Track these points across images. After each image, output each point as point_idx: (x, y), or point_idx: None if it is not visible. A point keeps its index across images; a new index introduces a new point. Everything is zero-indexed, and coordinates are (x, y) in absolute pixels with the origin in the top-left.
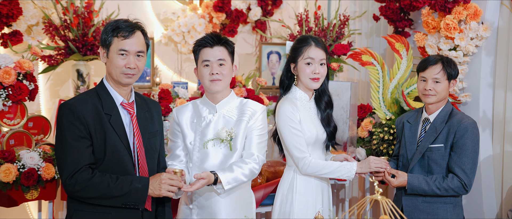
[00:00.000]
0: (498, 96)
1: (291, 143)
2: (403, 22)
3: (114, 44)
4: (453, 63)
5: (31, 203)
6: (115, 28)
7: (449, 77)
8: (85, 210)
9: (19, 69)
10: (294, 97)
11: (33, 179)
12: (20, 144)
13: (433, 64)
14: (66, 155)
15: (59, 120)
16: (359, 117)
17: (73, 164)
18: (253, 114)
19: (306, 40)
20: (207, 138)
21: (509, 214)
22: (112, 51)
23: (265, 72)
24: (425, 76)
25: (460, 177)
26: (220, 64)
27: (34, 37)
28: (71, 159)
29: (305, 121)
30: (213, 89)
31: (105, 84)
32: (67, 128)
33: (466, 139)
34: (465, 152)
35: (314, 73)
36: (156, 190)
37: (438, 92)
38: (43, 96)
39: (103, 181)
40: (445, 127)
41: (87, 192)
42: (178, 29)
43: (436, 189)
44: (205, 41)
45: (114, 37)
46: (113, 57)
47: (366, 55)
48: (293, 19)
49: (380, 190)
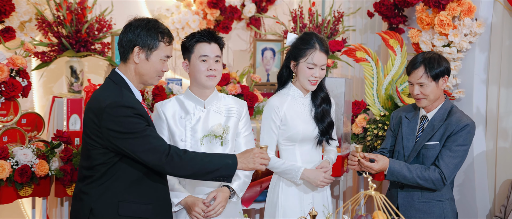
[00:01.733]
0: (492, 92)
1: (262, 138)
2: (397, 19)
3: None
4: (437, 61)
5: (25, 200)
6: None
7: (434, 77)
8: (132, 201)
9: (12, 66)
10: (286, 94)
11: (26, 176)
12: (13, 140)
13: (415, 68)
14: (150, 140)
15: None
16: (354, 113)
17: (163, 144)
18: (240, 112)
19: (311, 42)
20: (199, 134)
21: (502, 209)
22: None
23: (259, 68)
24: (411, 81)
25: (443, 171)
26: (216, 60)
27: (27, 33)
28: (158, 140)
29: (292, 118)
30: (209, 85)
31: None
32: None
33: (459, 136)
34: (454, 147)
35: (314, 77)
36: (250, 164)
37: (427, 94)
38: (37, 93)
39: (196, 156)
40: (442, 125)
41: (183, 168)
42: (172, 26)
43: (417, 178)
44: (204, 37)
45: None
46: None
47: (361, 52)
48: (288, 15)
49: (374, 186)
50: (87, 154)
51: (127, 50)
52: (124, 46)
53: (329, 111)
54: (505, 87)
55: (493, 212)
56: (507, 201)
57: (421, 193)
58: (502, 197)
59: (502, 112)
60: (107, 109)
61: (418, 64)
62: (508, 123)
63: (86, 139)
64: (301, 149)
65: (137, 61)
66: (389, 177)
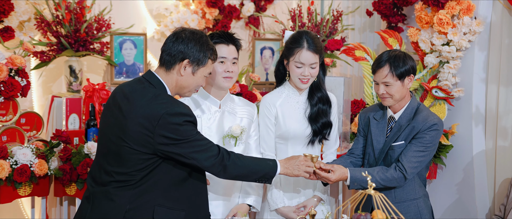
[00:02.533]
0: (491, 91)
1: (262, 135)
2: (396, 17)
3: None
4: (402, 60)
5: (24, 199)
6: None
7: (400, 76)
8: (167, 205)
9: (11, 65)
10: (281, 91)
11: (26, 175)
12: (12, 140)
13: (380, 67)
14: (201, 142)
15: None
16: (352, 112)
17: (212, 146)
18: (252, 114)
19: (299, 41)
20: (214, 134)
21: (502, 208)
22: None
23: (258, 67)
24: (376, 80)
25: (404, 165)
26: (233, 62)
27: (26, 33)
28: (207, 142)
29: (284, 115)
30: (225, 86)
31: None
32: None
33: (425, 134)
34: (419, 145)
35: (303, 75)
36: (295, 170)
37: (392, 94)
38: (36, 92)
39: (241, 158)
40: (409, 125)
41: (234, 168)
42: (171, 25)
43: (380, 180)
44: (222, 38)
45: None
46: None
47: (360, 51)
48: (286, 14)
49: (373, 185)
50: (120, 157)
51: (175, 60)
52: (173, 56)
53: (326, 111)
54: (505, 86)
55: (493, 211)
56: (506, 200)
57: (394, 194)
58: (501, 196)
59: (501, 111)
60: (164, 116)
61: (383, 63)
62: (507, 122)
63: (129, 144)
64: (293, 148)
65: (183, 73)
66: (352, 187)
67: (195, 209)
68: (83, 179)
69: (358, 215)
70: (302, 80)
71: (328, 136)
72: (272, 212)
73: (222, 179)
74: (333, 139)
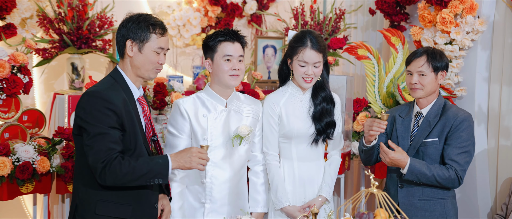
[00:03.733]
0: (494, 90)
1: (265, 134)
2: (399, 16)
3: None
4: (439, 54)
5: (26, 196)
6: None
7: (435, 69)
8: (109, 200)
9: (13, 62)
10: (285, 91)
11: (28, 172)
12: (14, 137)
13: (417, 57)
14: (103, 141)
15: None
16: (355, 111)
17: (111, 152)
18: (257, 113)
19: (303, 39)
20: (221, 133)
21: (504, 207)
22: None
23: (260, 66)
24: (411, 70)
25: (457, 170)
26: (239, 60)
27: (28, 30)
28: (110, 146)
29: (287, 115)
30: (232, 84)
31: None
32: (99, 117)
33: (461, 132)
34: (460, 144)
35: (306, 74)
36: (187, 163)
37: (424, 85)
38: (38, 90)
39: (133, 163)
40: (439, 121)
41: (115, 177)
42: (173, 23)
43: (437, 176)
44: (228, 36)
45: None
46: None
47: (362, 49)
48: (289, 13)
49: (376, 183)
50: (76, 151)
51: (122, 46)
52: (119, 42)
53: (330, 110)
54: (507, 85)
55: (495, 210)
56: (508, 200)
57: (422, 190)
58: (503, 196)
59: (504, 110)
60: (84, 95)
61: (420, 54)
62: (510, 121)
63: (75, 135)
64: (297, 147)
65: (131, 54)
66: (408, 176)
67: (143, 203)
68: None
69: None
70: (305, 79)
71: (332, 136)
72: (277, 212)
73: (226, 189)
74: (337, 139)
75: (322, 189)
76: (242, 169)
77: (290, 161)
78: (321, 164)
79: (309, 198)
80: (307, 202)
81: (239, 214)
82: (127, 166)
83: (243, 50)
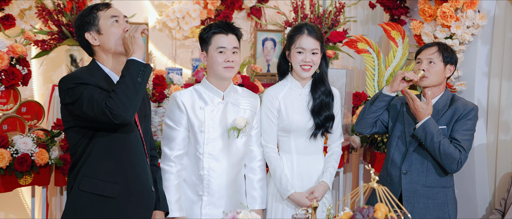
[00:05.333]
0: (493, 84)
1: (264, 128)
2: (399, 10)
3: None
4: (450, 49)
5: (25, 188)
6: None
7: (444, 60)
8: (94, 177)
9: (12, 54)
10: (284, 84)
11: (26, 164)
12: (13, 129)
13: (429, 46)
14: (90, 96)
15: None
16: (354, 105)
17: (99, 94)
18: (255, 106)
19: (300, 28)
20: (218, 125)
21: (502, 202)
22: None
23: (260, 59)
24: (421, 58)
25: (461, 151)
26: (233, 52)
27: (27, 21)
28: (98, 94)
29: (286, 108)
30: (226, 76)
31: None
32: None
33: (468, 120)
34: (466, 131)
35: (304, 61)
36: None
37: (432, 73)
38: (36, 81)
39: (120, 86)
40: (449, 110)
41: (119, 100)
42: (172, 15)
43: (442, 145)
44: (221, 28)
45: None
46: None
47: (362, 43)
48: (289, 6)
49: (376, 178)
50: (66, 138)
51: (86, 45)
52: (83, 45)
53: (329, 104)
54: (507, 80)
55: (493, 205)
56: (507, 194)
57: (426, 178)
58: (502, 190)
59: (503, 105)
60: (59, 84)
61: (432, 44)
62: (509, 116)
63: (66, 129)
64: (295, 141)
65: (96, 42)
66: (418, 131)
67: (131, 182)
68: None
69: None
70: (303, 67)
71: (331, 129)
72: (276, 203)
73: (224, 182)
74: (337, 134)
75: (324, 176)
76: (240, 162)
77: (289, 155)
78: (320, 158)
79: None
80: (310, 189)
81: (237, 207)
82: (118, 88)
83: (239, 41)
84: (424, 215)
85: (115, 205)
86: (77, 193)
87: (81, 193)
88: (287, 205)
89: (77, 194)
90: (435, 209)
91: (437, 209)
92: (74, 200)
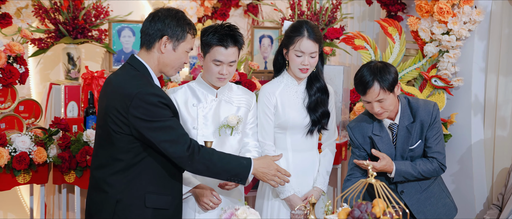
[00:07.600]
0: (490, 80)
1: (261, 124)
2: (396, 6)
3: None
4: (387, 71)
5: (23, 187)
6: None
7: (390, 88)
8: (154, 191)
9: (9, 52)
10: (280, 81)
11: (24, 163)
12: (11, 127)
13: (369, 87)
14: (174, 131)
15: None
16: (352, 101)
17: (185, 136)
18: (250, 103)
19: (300, 29)
20: (210, 123)
21: (500, 197)
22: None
23: (257, 56)
24: (367, 100)
25: (439, 160)
26: (230, 65)
27: (24, 19)
28: (182, 132)
29: (283, 105)
30: (218, 85)
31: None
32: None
33: (436, 123)
34: (438, 135)
35: (303, 65)
36: (264, 176)
37: (387, 108)
38: (33, 80)
39: (213, 154)
40: (415, 123)
41: (202, 163)
42: None
43: (422, 172)
44: (223, 41)
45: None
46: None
47: (359, 39)
48: (286, 2)
49: (374, 174)
50: (109, 142)
51: (154, 39)
52: (151, 35)
53: (324, 101)
54: (504, 76)
55: (491, 200)
56: (504, 190)
57: (419, 184)
58: (499, 186)
59: (500, 101)
60: (137, 96)
61: (370, 82)
62: (506, 111)
63: (110, 126)
64: (291, 138)
65: (164, 51)
66: (396, 178)
67: (177, 193)
68: (82, 167)
69: (359, 203)
70: (301, 69)
71: (327, 126)
72: (270, 201)
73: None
74: (332, 130)
75: (317, 181)
76: None
77: (284, 151)
78: (315, 154)
79: (303, 188)
80: (304, 194)
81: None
82: (217, 156)
83: (239, 52)
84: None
85: (169, 215)
86: (144, 210)
87: (147, 209)
88: (284, 204)
89: (143, 211)
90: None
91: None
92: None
